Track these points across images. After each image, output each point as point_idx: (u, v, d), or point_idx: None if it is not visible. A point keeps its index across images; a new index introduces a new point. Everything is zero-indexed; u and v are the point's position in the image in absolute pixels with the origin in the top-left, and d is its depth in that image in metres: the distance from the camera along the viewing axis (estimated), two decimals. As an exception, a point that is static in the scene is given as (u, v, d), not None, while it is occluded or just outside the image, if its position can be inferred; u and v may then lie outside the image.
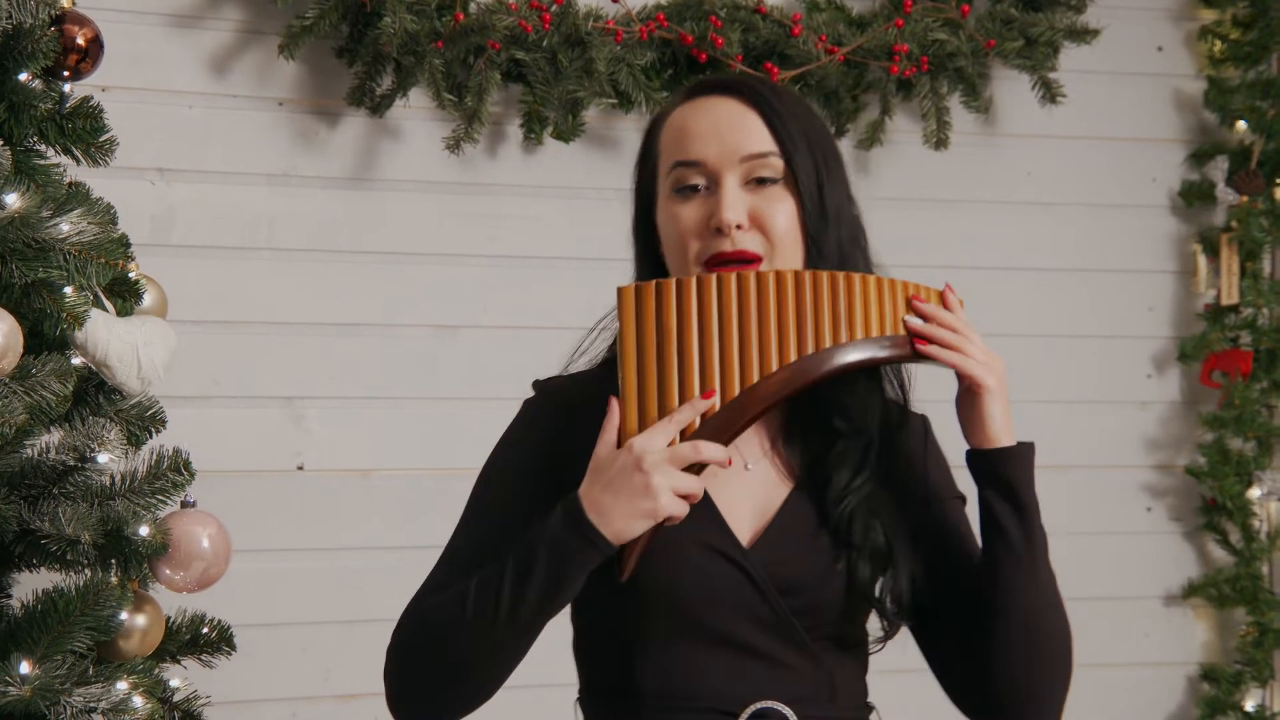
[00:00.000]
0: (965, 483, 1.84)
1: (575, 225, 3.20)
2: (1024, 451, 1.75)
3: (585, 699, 1.81)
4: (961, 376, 1.74)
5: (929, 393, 1.89)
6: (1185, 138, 3.58)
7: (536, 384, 1.85)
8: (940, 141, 3.29)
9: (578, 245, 3.17)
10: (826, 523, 1.75)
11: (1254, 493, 3.48)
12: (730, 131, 1.75)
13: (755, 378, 1.68)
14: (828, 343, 1.69)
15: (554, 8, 3.08)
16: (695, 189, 1.75)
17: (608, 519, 1.64)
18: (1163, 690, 3.55)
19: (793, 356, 1.68)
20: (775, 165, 1.75)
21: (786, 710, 1.72)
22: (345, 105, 3.08)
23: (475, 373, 3.11)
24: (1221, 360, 3.50)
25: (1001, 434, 1.75)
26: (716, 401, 1.67)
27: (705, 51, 3.13)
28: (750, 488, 1.78)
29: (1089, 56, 3.39)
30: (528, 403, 1.84)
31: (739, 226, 1.73)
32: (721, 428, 1.67)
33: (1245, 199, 3.49)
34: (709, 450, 1.65)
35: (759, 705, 1.72)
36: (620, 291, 1.70)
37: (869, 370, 1.78)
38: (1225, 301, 3.50)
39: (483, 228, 3.18)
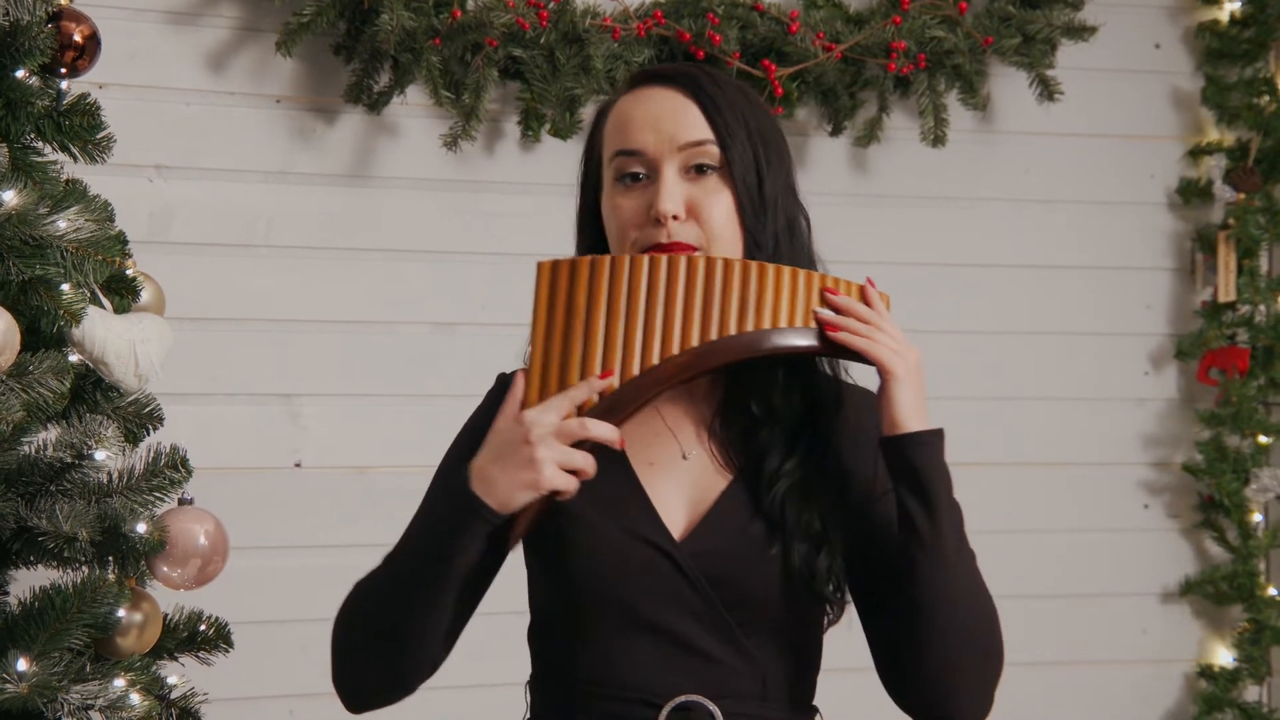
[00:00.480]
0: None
1: (573, 222, 3.18)
2: (930, 438, 1.71)
3: (533, 683, 1.82)
4: (872, 363, 1.71)
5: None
6: (1183, 135, 3.58)
7: (500, 376, 1.86)
8: (938, 139, 3.29)
9: (575, 242, 3.16)
10: (761, 511, 1.74)
11: (1251, 489, 3.47)
12: (668, 120, 1.76)
13: (655, 360, 1.68)
14: (732, 330, 1.69)
15: (551, 5, 3.07)
16: (635, 178, 1.76)
17: (493, 489, 1.65)
18: (1160, 687, 3.55)
19: (695, 342, 1.68)
20: (712, 153, 1.75)
21: (711, 706, 1.72)
22: (343, 102, 3.08)
23: (473, 370, 3.06)
24: (1219, 357, 3.50)
25: (909, 421, 1.70)
26: (615, 381, 1.67)
27: (703, 48, 3.12)
28: (688, 479, 1.78)
29: (1087, 54, 3.38)
30: (488, 393, 1.86)
31: (675, 217, 1.73)
32: (616, 407, 1.67)
33: (1242, 196, 3.49)
34: (597, 428, 1.65)
35: (682, 699, 1.71)
36: (538, 266, 1.71)
37: (792, 359, 1.76)
38: (1222, 299, 3.50)
39: (480, 225, 3.18)
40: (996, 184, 3.46)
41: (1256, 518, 3.50)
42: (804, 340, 1.70)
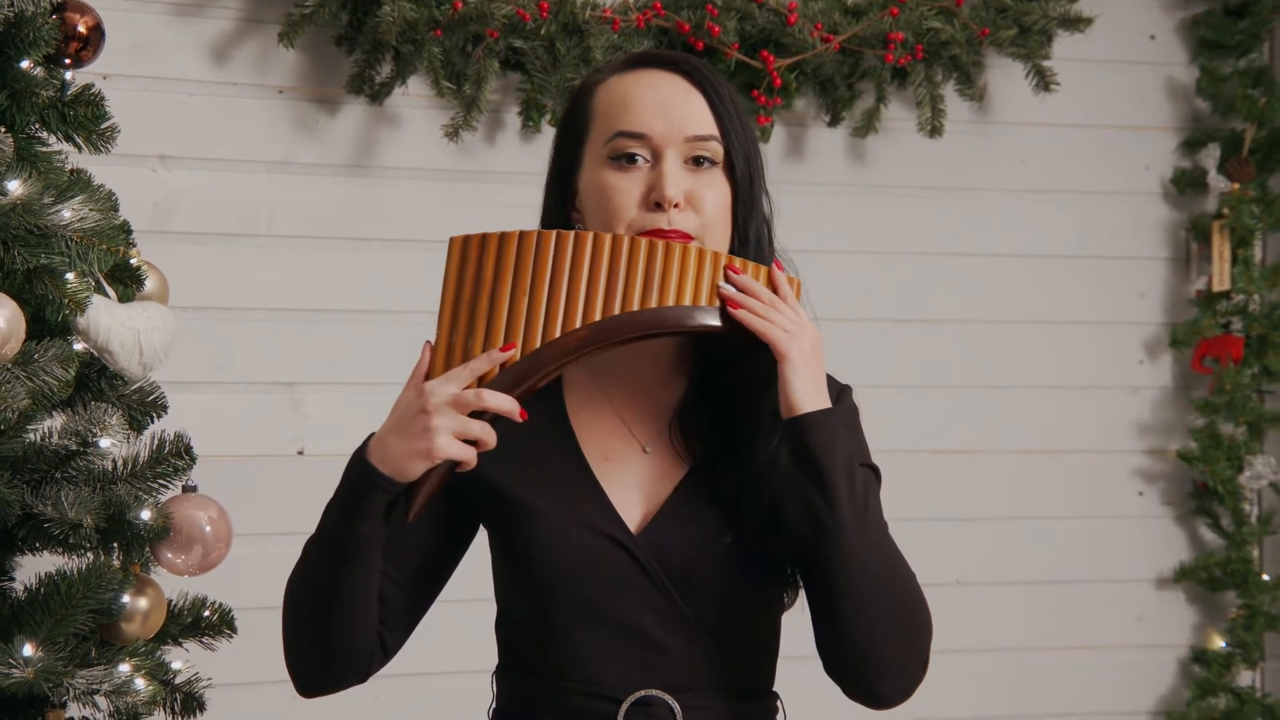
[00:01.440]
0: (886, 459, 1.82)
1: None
2: (823, 418, 1.68)
3: (499, 675, 1.82)
4: (768, 345, 1.69)
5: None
6: (1178, 125, 3.57)
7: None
8: (935, 129, 3.28)
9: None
10: (717, 501, 1.74)
11: (1244, 477, 3.47)
12: (676, 110, 1.74)
13: (557, 334, 1.68)
14: (635, 307, 1.69)
15: (552, -4, 3.07)
16: (634, 160, 1.74)
17: (388, 457, 1.67)
18: (1154, 672, 3.55)
19: (598, 317, 1.68)
20: (715, 150, 1.75)
21: (670, 700, 1.71)
22: (345, 93, 3.08)
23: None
24: (1213, 346, 3.50)
25: (803, 403, 1.68)
26: (517, 354, 1.67)
27: (702, 39, 3.12)
28: (645, 472, 1.77)
29: (1082, 45, 3.38)
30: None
31: (676, 205, 1.72)
32: (515, 379, 1.67)
33: (1236, 186, 3.49)
34: (494, 399, 1.65)
35: (642, 694, 1.71)
36: (450, 241, 1.71)
37: (744, 347, 1.75)
38: (1217, 288, 3.50)
39: (481, 214, 3.17)
40: (993, 174, 3.46)
41: (1249, 505, 3.51)
42: (706, 319, 1.70)
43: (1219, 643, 3.52)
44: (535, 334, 1.68)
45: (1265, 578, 3.50)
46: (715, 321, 1.70)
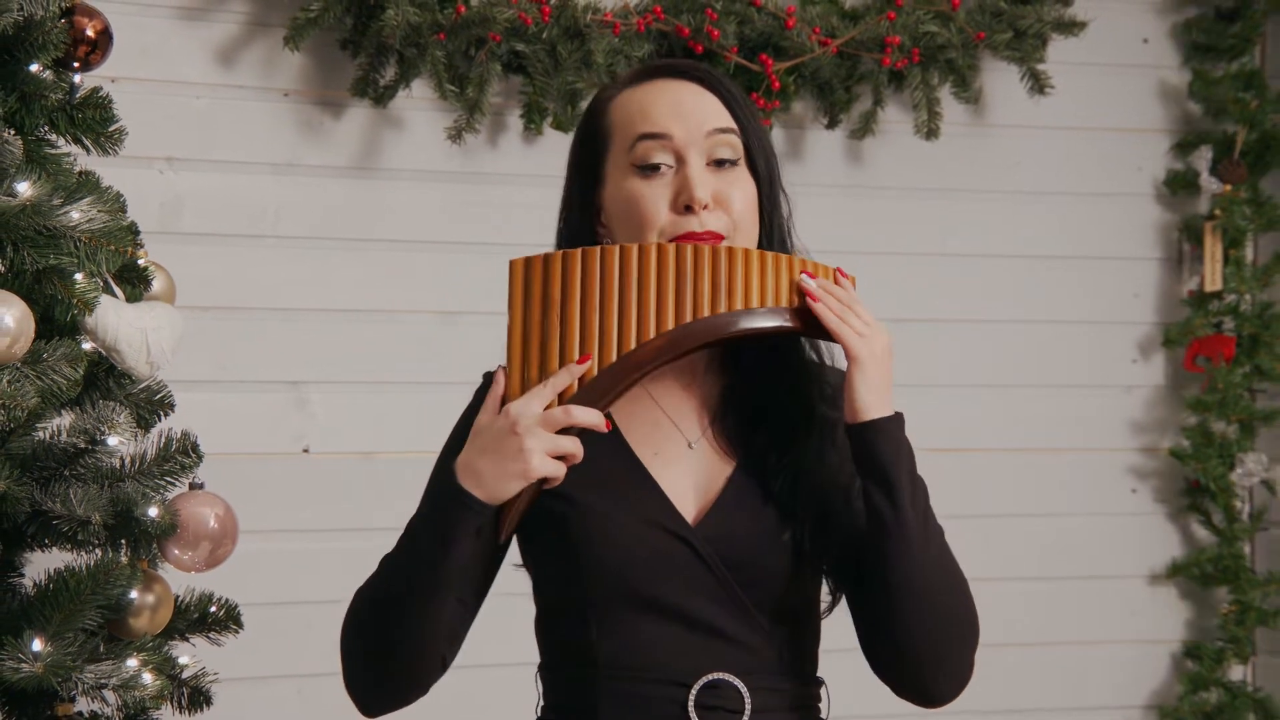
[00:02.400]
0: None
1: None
2: (889, 425, 1.69)
3: (545, 672, 1.81)
4: (839, 343, 1.70)
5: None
6: (1170, 128, 3.57)
7: (485, 375, 1.83)
8: (931, 132, 3.29)
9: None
10: (770, 496, 1.74)
11: (1236, 474, 3.48)
12: (692, 109, 1.75)
13: (632, 345, 1.68)
14: (706, 313, 1.68)
15: (553, 1, 3.07)
16: (657, 168, 1.74)
17: (481, 481, 1.66)
18: (1147, 667, 3.55)
19: (670, 326, 1.68)
20: (735, 144, 1.75)
21: (738, 682, 1.72)
22: (349, 96, 3.08)
23: (476, 358, 3.06)
24: (1205, 345, 3.50)
25: (870, 408, 1.68)
26: (594, 366, 1.67)
27: (701, 43, 3.12)
28: (694, 466, 1.77)
29: (1076, 48, 3.38)
30: (475, 393, 1.83)
31: (706, 206, 1.72)
32: (598, 393, 1.67)
33: (1228, 188, 3.49)
34: (580, 414, 1.65)
35: (711, 677, 1.72)
36: (510, 265, 1.71)
37: (786, 345, 1.76)
38: (1209, 288, 3.50)
39: (484, 216, 3.17)
40: (988, 176, 3.46)
41: (1241, 502, 3.51)
42: (776, 321, 1.70)
43: (1211, 638, 3.52)
44: (610, 347, 1.68)
45: (1256, 574, 3.50)
46: (785, 323, 1.70)
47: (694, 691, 1.71)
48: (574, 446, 1.66)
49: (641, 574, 1.72)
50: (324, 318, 3.09)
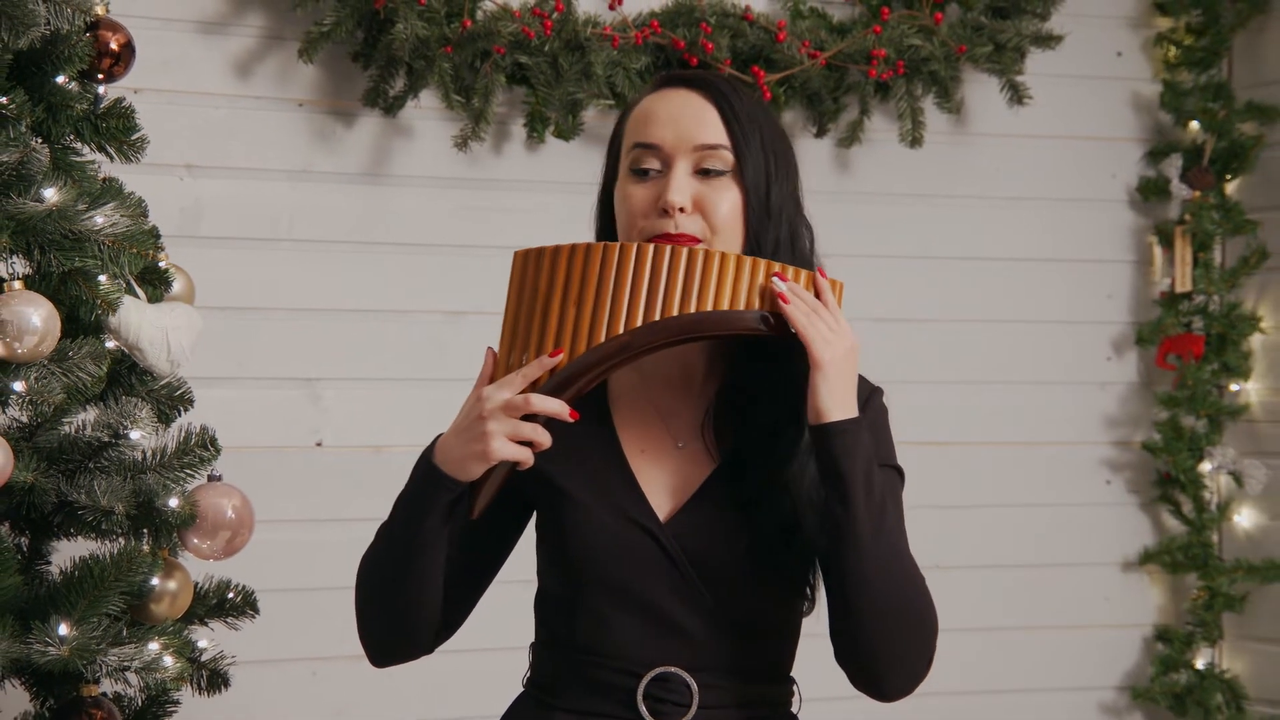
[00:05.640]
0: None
1: (574, 217, 3.15)
2: (848, 427, 1.67)
3: (535, 647, 1.84)
4: (806, 347, 1.67)
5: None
6: (1142, 137, 3.58)
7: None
8: (915, 140, 3.29)
9: (577, 236, 3.13)
10: (744, 499, 1.74)
11: (1205, 466, 3.48)
12: (687, 121, 1.75)
13: (603, 340, 1.68)
14: (675, 313, 1.68)
15: (555, 15, 3.07)
16: (647, 173, 1.75)
17: (450, 459, 1.69)
18: (1121, 650, 3.55)
19: (639, 323, 1.68)
20: (725, 158, 1.74)
21: (687, 676, 1.72)
22: (360, 106, 3.08)
23: (481, 355, 3.09)
24: (1176, 344, 3.50)
25: (830, 411, 1.66)
26: (565, 359, 1.68)
27: (696, 56, 3.12)
28: (677, 466, 1.77)
29: (1053, 61, 3.38)
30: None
31: (682, 209, 1.72)
32: (565, 383, 1.68)
33: (1198, 194, 3.49)
34: (541, 402, 1.66)
35: (661, 670, 1.72)
36: (514, 255, 1.73)
37: (783, 354, 1.73)
38: (1179, 289, 3.50)
39: (489, 220, 3.17)
40: (970, 182, 3.46)
41: (1209, 493, 3.51)
42: (745, 323, 1.69)
43: (1181, 622, 3.53)
44: (583, 340, 1.68)
45: (1224, 561, 3.51)
46: (757, 325, 1.69)
47: (644, 682, 1.72)
48: (535, 433, 1.67)
49: (613, 565, 1.73)
50: (336, 317, 3.09)
